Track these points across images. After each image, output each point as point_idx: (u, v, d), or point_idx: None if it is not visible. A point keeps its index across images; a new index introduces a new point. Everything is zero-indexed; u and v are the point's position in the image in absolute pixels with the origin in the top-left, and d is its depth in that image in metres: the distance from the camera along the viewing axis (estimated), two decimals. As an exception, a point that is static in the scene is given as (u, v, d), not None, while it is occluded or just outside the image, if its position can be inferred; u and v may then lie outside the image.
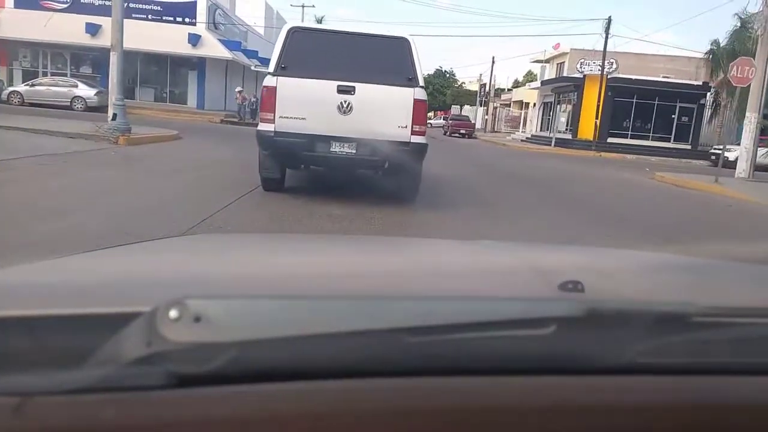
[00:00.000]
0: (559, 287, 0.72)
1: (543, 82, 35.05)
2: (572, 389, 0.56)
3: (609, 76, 28.29)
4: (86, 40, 26.75)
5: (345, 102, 6.28)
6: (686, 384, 0.59)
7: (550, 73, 39.67)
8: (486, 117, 43.87)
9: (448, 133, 36.74)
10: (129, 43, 29.71)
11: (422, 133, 6.54)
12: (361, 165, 6.80)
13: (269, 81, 6.35)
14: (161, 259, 1.08)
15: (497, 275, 1.00)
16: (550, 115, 35.35)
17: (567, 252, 1.57)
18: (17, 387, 0.47)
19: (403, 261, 1.18)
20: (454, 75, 65.05)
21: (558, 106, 33.35)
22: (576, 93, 30.38)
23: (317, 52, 6.45)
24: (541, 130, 36.73)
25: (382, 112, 6.37)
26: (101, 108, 25.04)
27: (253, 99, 25.45)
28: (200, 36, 27.46)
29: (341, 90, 6.27)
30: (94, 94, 24.02)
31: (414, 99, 6.37)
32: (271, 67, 6.41)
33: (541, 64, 43.84)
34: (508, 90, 54.58)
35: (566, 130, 29.48)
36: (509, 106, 46.58)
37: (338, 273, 0.94)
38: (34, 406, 0.46)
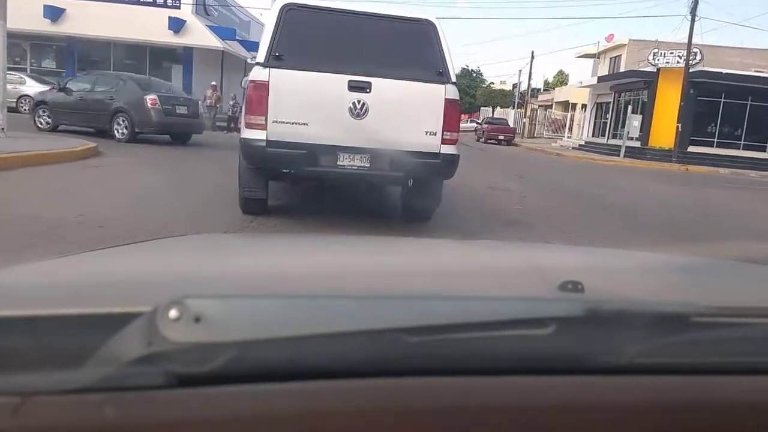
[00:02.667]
0: (559, 287, 0.71)
1: (600, 78, 29.39)
2: (572, 389, 0.56)
3: (691, 70, 22.61)
4: (46, 26, 21.81)
5: (358, 102, 4.74)
6: (686, 384, 0.59)
7: (602, 69, 33.97)
8: (524, 120, 38.29)
9: (483, 139, 31.32)
10: (100, 31, 24.50)
11: (454, 142, 4.99)
12: (376, 182, 5.53)
13: (258, 74, 4.69)
14: (161, 259, 1.06)
15: (497, 275, 1.00)
16: (606, 118, 29.73)
17: (567, 252, 1.62)
18: (18, 386, 0.47)
19: (402, 261, 1.16)
20: (481, 74, 59.60)
21: (620, 108, 27.68)
22: (647, 91, 24.72)
23: (321, 37, 4.91)
24: (594, 136, 31.10)
25: (406, 115, 4.87)
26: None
27: (237, 102, 18.73)
28: (184, 21, 22.27)
29: (354, 86, 4.74)
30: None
31: (445, 99, 4.87)
32: (261, 56, 4.75)
33: (589, 59, 38.12)
34: (545, 90, 48.88)
35: (636, 136, 23.76)
36: (550, 108, 40.93)
37: (338, 272, 0.93)
38: (35, 405, 0.46)
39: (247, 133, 4.79)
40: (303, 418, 0.49)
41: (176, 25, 21.99)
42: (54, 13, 21.62)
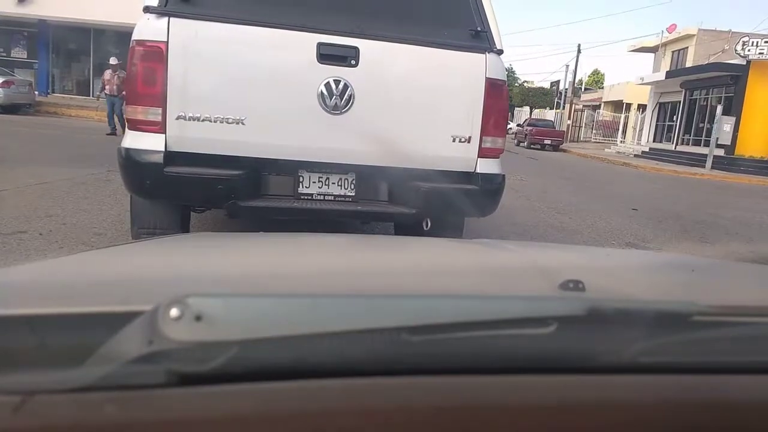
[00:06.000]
0: (559, 286, 0.70)
1: (669, 74, 25.04)
2: (573, 388, 0.56)
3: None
4: (11, 8, 18.26)
5: (336, 84, 2.72)
6: (687, 383, 0.59)
7: (663, 65, 29.57)
8: (567, 122, 33.97)
9: (525, 143, 27.24)
10: (76, 14, 20.47)
11: (498, 153, 3.06)
12: (368, 220, 3.62)
13: (147, 29, 2.58)
14: (162, 258, 1.05)
15: (498, 274, 0.99)
16: (673, 120, 25.42)
17: (568, 251, 1.59)
18: (19, 385, 0.47)
19: (404, 259, 1.14)
20: (514, 72, 55.18)
21: (693, 108, 23.37)
22: (734, 87, 20.39)
23: None
24: (656, 141, 26.79)
25: (418, 106, 2.87)
26: (13, 107, 16.65)
27: None
28: (175, 1, 18.52)
29: (328, 55, 2.71)
30: (-1, 86, 15.44)
31: (487, 79, 2.88)
32: None
33: (643, 54, 33.68)
34: (586, 89, 44.43)
35: (729, 142, 19.43)
36: (599, 108, 36.50)
37: (340, 271, 0.93)
38: (36, 404, 0.46)
39: (130, 140, 2.63)
40: (304, 417, 0.49)
41: (164, 4, 18.23)
42: (20, -8, 18.04)
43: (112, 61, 13.08)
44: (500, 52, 2.99)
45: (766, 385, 0.60)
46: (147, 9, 2.57)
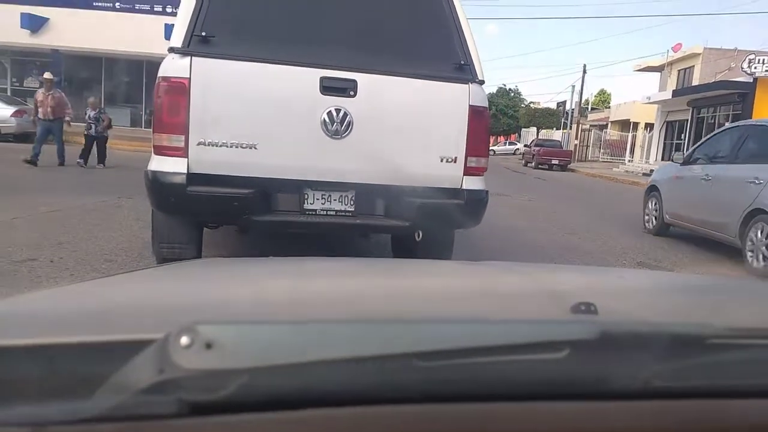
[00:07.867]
0: (571, 309, 0.68)
1: (676, 92, 25.07)
2: (587, 414, 0.54)
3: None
4: (24, 38, 18.69)
5: (337, 112, 3.10)
6: (704, 408, 0.57)
7: (670, 83, 29.64)
8: (575, 142, 33.94)
9: (532, 163, 27.23)
10: (88, 43, 20.47)
11: (481, 172, 3.40)
12: (366, 232, 4.17)
13: (172, 66, 2.95)
14: (172, 285, 1.05)
15: (508, 297, 0.98)
16: (681, 139, 25.39)
17: (579, 273, 1.59)
18: (29, 417, 0.46)
19: (412, 284, 1.13)
20: (519, 93, 55.45)
21: (702, 126, 23.34)
22: (741, 105, 20.35)
23: (277, 7, 3.27)
24: (663, 160, 26.68)
25: (410, 132, 3.26)
26: (26, 136, 16.86)
27: (94, 113, 11.58)
28: (185, 29, 18.89)
29: (330, 87, 3.09)
30: (12, 115, 15.68)
31: (470, 107, 3.26)
32: (177, 38, 2.95)
33: (649, 73, 33.79)
34: (592, 109, 44.51)
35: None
36: (606, 128, 36.48)
37: (349, 296, 0.92)
38: None
39: (157, 164, 2.99)
40: None
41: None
42: (33, 23, 18.49)
43: (46, 75, 11.31)
44: (482, 82, 3.37)
45: None
46: (172, 49, 2.96)
